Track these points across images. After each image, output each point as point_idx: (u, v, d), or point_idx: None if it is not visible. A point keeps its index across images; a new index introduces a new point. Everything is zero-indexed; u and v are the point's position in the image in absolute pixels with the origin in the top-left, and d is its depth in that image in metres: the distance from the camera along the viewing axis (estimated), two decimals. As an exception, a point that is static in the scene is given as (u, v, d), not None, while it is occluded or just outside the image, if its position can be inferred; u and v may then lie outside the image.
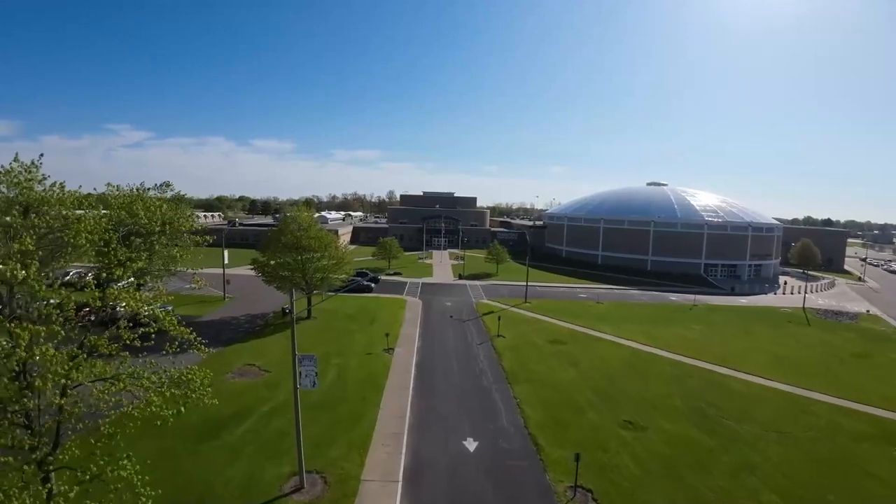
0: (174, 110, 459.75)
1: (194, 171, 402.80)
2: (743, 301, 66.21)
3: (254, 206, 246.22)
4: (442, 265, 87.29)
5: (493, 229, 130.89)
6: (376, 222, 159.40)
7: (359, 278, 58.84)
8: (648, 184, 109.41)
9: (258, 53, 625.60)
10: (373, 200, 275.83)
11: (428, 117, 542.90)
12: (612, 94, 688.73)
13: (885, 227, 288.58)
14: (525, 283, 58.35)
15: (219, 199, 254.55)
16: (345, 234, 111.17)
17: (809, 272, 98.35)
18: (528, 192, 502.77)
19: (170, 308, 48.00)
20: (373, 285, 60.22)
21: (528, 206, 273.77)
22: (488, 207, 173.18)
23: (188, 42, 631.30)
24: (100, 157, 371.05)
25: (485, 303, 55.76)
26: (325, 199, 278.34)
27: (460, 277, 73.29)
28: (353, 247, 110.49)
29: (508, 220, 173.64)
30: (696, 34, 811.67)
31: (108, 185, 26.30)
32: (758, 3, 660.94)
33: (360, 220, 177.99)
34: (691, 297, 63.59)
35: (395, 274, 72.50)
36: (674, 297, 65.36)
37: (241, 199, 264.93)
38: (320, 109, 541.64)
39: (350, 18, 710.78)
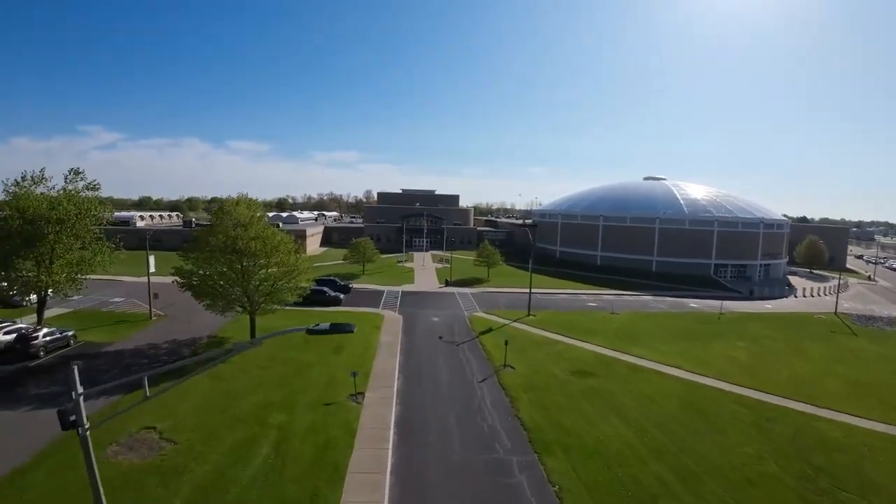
0: (148, 111, 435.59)
1: (170, 173, 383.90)
2: (768, 306, 58.29)
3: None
4: (425, 269, 77.01)
5: (479, 228, 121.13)
6: (351, 222, 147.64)
7: (324, 288, 48.12)
8: (646, 178, 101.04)
9: (234, 54, 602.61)
10: (349, 200, 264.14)
11: (406, 119, 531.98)
12: (592, 93, 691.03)
13: (860, 224, 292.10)
14: (525, 290, 48.71)
15: (189, 200, 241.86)
16: (315, 235, 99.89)
17: (815, 271, 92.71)
18: (508, 193, 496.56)
19: (70, 333, 35.81)
20: (342, 296, 49.59)
21: (509, 206, 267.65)
22: (470, 207, 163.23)
23: (162, 42, 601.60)
24: (72, 159, 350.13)
25: (480, 316, 45.88)
26: (300, 200, 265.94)
27: (447, 284, 63.22)
28: (323, 249, 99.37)
29: (494, 219, 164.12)
30: (668, 32, 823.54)
31: None
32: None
33: (335, 220, 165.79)
34: (712, 302, 55.54)
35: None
36: (693, 303, 56.83)
37: (214, 200, 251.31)
38: (297, 110, 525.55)
39: (326, 18, 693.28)
